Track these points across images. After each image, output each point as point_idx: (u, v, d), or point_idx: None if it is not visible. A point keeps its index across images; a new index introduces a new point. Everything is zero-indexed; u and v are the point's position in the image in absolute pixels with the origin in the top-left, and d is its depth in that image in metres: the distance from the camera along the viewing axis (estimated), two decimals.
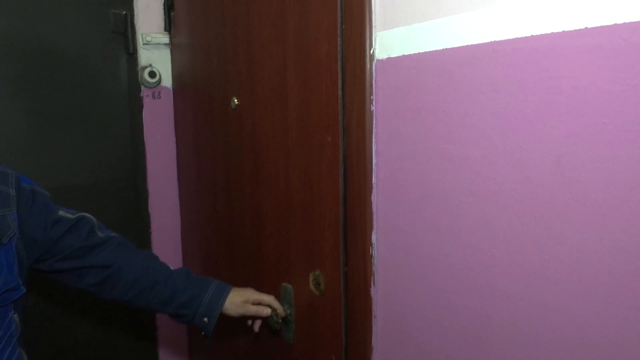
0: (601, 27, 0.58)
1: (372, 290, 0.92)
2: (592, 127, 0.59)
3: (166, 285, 1.09)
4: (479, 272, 0.75)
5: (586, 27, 0.59)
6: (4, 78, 1.27)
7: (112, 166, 1.44)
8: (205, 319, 1.08)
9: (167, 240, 1.50)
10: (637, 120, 0.56)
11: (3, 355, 0.95)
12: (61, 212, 1.07)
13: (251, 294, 1.11)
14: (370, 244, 0.91)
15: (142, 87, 1.46)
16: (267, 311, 1.10)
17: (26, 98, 1.30)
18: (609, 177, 0.59)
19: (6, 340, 0.96)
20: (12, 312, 0.99)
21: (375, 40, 0.86)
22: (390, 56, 0.84)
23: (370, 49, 0.86)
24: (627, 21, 0.55)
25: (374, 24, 0.86)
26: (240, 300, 1.09)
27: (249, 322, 1.14)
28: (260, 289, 1.13)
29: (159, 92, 1.48)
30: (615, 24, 0.56)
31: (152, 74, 1.45)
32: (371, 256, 0.91)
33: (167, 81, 1.49)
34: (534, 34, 0.64)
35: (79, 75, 1.37)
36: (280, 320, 1.09)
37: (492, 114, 0.70)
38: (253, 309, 1.10)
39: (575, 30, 0.60)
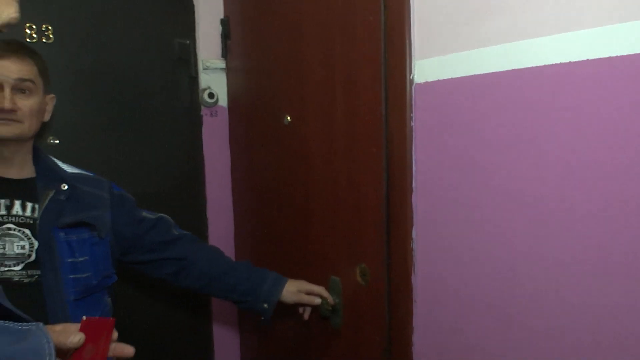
0: (599, 59, 0.73)
1: (413, 278, 1.07)
2: (593, 137, 0.75)
3: (231, 275, 1.27)
4: (502, 258, 0.90)
5: (587, 59, 0.75)
6: (91, 100, 1.48)
7: (176, 176, 1.63)
8: (265, 305, 1.25)
9: (222, 241, 1.68)
10: (628, 130, 0.71)
11: None
12: (144, 213, 1.27)
13: (304, 285, 1.27)
14: (411, 238, 1.07)
15: (202, 107, 1.66)
16: (318, 300, 1.26)
17: (108, 116, 1.51)
18: (607, 177, 0.74)
19: None
20: (107, 295, 1.18)
21: (414, 67, 1.03)
22: (427, 80, 1.01)
23: (410, 75, 1.03)
24: (618, 54, 0.71)
25: (413, 54, 1.03)
26: (295, 289, 1.26)
27: (300, 309, 1.31)
28: (309, 281, 1.30)
29: (216, 111, 1.68)
30: (610, 57, 0.72)
31: (210, 95, 1.65)
32: (412, 249, 1.07)
33: (223, 101, 1.69)
34: (547, 64, 0.80)
35: (149, 96, 1.58)
36: (329, 308, 1.25)
37: (512, 127, 0.86)
38: (306, 298, 1.26)
39: (578, 61, 0.76)
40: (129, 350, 0.85)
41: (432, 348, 1.06)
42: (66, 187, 1.11)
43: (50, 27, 1.41)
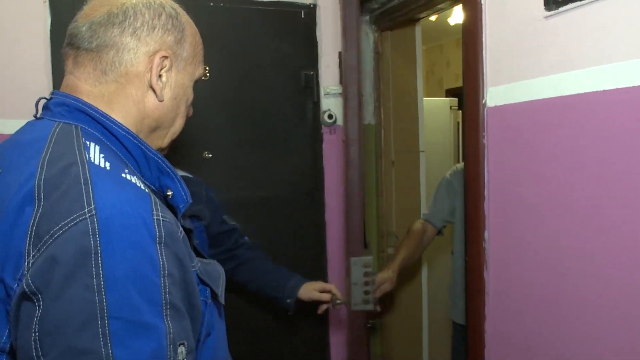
0: (624, 88, 0.87)
1: (485, 273, 1.25)
2: (623, 151, 0.88)
3: (268, 276, 1.57)
4: (558, 258, 1.05)
5: (617, 88, 0.89)
6: (237, 123, 1.88)
7: (300, 183, 1.97)
8: (288, 300, 1.53)
9: (336, 238, 1.97)
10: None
11: None
12: (225, 217, 1.59)
13: (317, 284, 1.55)
14: (483, 239, 1.24)
15: (323, 126, 1.97)
16: (327, 296, 1.52)
17: (249, 135, 1.89)
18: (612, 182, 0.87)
19: None
20: None
21: (486, 93, 1.21)
22: (496, 105, 1.19)
23: (482, 100, 1.22)
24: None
25: (485, 82, 1.21)
26: (310, 288, 1.53)
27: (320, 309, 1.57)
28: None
29: (334, 129, 1.98)
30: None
31: (330, 116, 1.96)
32: (484, 249, 1.24)
33: (340, 121, 1.98)
34: (586, 92, 0.95)
35: (282, 118, 1.93)
36: (338, 301, 1.49)
37: (560, 143, 1.01)
38: (316, 295, 1.53)
39: (612, 89, 0.89)
40: None
41: (500, 334, 1.22)
42: None
43: (207, 67, 1.83)
